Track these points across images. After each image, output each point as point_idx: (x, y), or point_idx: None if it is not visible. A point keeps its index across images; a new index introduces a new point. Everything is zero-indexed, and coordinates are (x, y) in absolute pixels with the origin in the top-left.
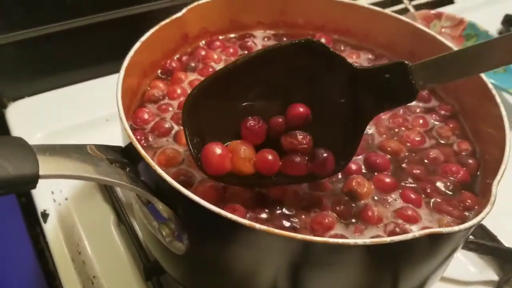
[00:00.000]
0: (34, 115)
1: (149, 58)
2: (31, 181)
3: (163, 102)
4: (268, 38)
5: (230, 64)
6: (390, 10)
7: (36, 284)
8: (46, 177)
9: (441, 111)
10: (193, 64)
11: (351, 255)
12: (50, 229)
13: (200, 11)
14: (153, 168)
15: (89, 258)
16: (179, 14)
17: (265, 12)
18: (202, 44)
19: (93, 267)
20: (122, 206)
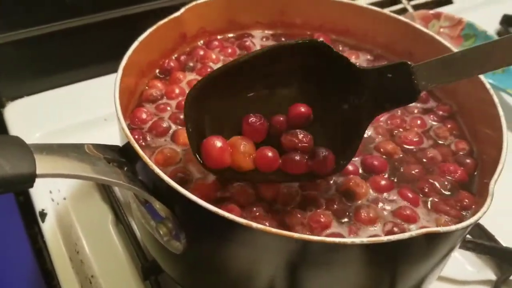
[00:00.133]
0: (33, 115)
1: (147, 57)
2: (28, 180)
3: (161, 102)
4: (267, 38)
5: (235, 60)
6: (388, 10)
7: (34, 284)
8: (43, 176)
9: (439, 112)
10: (191, 64)
11: (348, 254)
12: (48, 228)
13: (198, 11)
14: (151, 167)
15: (87, 258)
16: (177, 13)
17: (263, 12)
18: (200, 44)
19: (91, 266)
20: (120, 206)
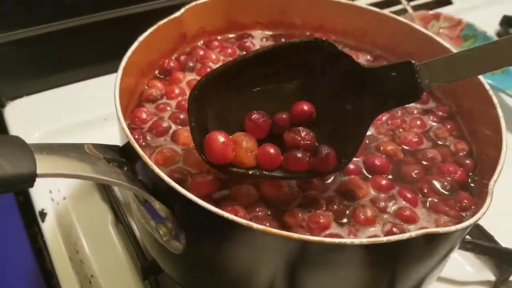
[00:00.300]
0: (32, 114)
1: (147, 57)
2: (29, 180)
3: (161, 102)
4: (267, 39)
5: (239, 57)
6: (388, 11)
7: (34, 283)
8: (43, 176)
9: (438, 112)
10: (191, 64)
11: (348, 255)
12: (48, 228)
13: (198, 11)
14: (151, 167)
15: (87, 257)
16: (177, 14)
17: (263, 12)
18: (200, 44)
19: (91, 266)
20: (120, 206)
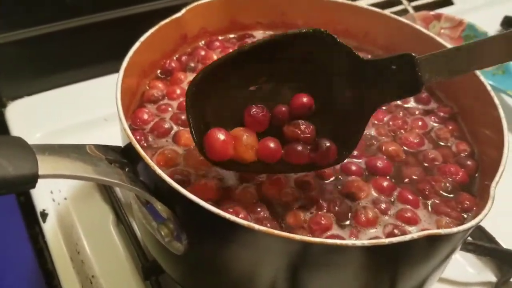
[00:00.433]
0: (33, 115)
1: (149, 58)
2: (31, 181)
3: (162, 102)
4: None
5: (235, 51)
6: (389, 11)
7: (35, 283)
8: (45, 177)
9: (440, 113)
10: (192, 64)
11: (349, 256)
12: (49, 228)
13: (199, 11)
14: (152, 168)
15: (88, 258)
16: (178, 14)
17: (264, 12)
18: (201, 44)
19: (92, 266)
20: (121, 206)
